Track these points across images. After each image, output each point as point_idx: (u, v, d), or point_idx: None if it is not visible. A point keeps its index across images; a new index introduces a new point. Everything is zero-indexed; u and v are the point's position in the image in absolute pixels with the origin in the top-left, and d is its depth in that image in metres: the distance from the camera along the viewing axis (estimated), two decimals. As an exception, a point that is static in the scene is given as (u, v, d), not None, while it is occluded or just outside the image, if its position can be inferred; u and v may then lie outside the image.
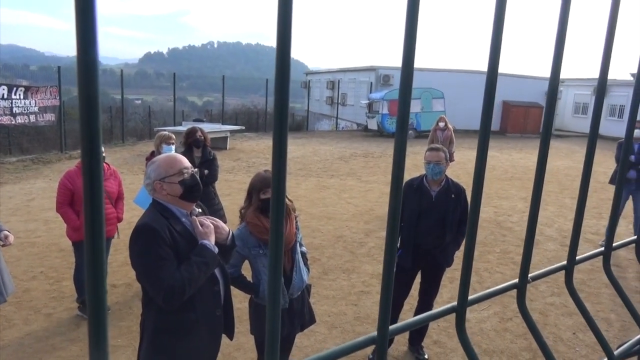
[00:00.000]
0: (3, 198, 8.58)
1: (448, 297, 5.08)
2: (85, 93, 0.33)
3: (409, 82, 0.49)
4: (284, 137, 0.42)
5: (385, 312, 0.56)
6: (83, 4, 0.32)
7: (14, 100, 12.32)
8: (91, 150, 0.34)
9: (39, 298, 4.82)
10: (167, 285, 2.09)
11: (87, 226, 0.35)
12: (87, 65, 0.33)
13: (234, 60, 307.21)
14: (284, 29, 0.40)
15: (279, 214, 0.44)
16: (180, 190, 2.26)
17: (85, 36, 0.32)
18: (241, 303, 4.40)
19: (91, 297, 0.36)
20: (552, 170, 13.50)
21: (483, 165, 0.63)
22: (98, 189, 0.34)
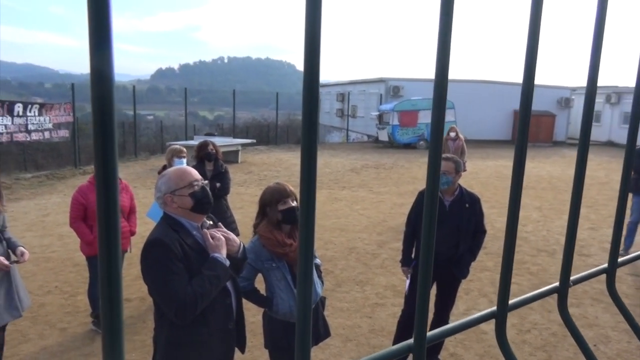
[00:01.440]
0: (19, 214, 8.68)
1: (464, 308, 5.00)
2: (101, 110, 0.32)
3: (443, 93, 0.48)
4: (314, 149, 0.41)
5: (422, 319, 0.54)
6: (98, 24, 0.31)
7: (29, 118, 12.52)
8: (106, 165, 0.33)
9: (54, 313, 4.84)
10: (179, 300, 2.08)
11: (102, 240, 0.34)
12: (102, 82, 0.32)
13: (244, 75, 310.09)
14: (313, 42, 0.39)
15: (309, 224, 0.42)
16: (190, 202, 2.25)
17: (101, 54, 0.32)
18: (254, 316, 4.37)
19: (106, 313, 0.35)
20: (567, 179, 13.34)
21: (521, 175, 0.61)
22: (113, 204, 0.33)
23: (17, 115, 12.18)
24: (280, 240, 2.78)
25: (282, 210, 2.79)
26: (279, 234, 2.80)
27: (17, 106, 12.26)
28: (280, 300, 2.83)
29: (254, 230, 2.92)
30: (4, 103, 11.98)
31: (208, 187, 2.36)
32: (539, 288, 3.71)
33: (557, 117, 24.54)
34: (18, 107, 12.28)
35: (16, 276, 3.44)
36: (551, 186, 12.31)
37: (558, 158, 18.46)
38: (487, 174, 13.92)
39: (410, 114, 20.56)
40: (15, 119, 12.14)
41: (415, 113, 20.56)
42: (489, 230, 4.88)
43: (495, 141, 23.86)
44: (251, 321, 4.28)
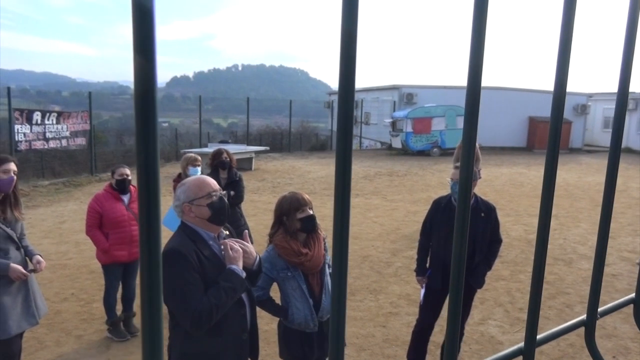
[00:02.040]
0: (36, 221, 8.80)
1: (479, 318, 4.94)
2: (144, 119, 0.33)
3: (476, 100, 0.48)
4: (349, 154, 0.41)
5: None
6: (143, 33, 0.32)
7: (47, 125, 12.73)
8: (148, 171, 0.33)
9: (70, 320, 4.88)
10: (195, 311, 2.09)
11: (143, 245, 0.35)
12: (145, 90, 0.33)
13: (257, 82, 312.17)
14: (349, 50, 0.39)
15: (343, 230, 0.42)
16: (208, 213, 2.26)
17: (145, 63, 0.32)
18: (268, 325, 4.37)
19: (146, 319, 0.36)
20: (584, 186, 13.16)
21: (552, 185, 0.60)
22: (155, 206, 0.34)
23: (35, 123, 12.40)
24: (296, 249, 2.78)
25: (301, 218, 2.79)
26: (295, 243, 2.80)
27: (35, 114, 12.48)
28: (295, 310, 2.82)
29: (270, 240, 2.92)
30: (23, 112, 12.20)
31: (226, 197, 2.37)
32: (556, 298, 3.68)
33: (573, 124, 24.25)
34: (36, 115, 12.50)
35: (33, 284, 3.48)
36: (567, 193, 12.15)
37: (574, 165, 18.22)
38: (502, 182, 13.79)
39: (423, 121, 20.49)
40: (33, 127, 12.35)
41: (428, 120, 20.49)
42: (505, 239, 4.82)
43: (510, 148, 23.65)
44: (265, 329, 4.27)
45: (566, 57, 0.55)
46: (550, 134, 0.58)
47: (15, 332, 3.31)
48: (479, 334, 4.63)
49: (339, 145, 0.41)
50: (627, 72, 0.62)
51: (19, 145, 11.98)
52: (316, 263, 2.83)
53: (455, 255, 0.50)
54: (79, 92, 40.91)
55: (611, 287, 5.82)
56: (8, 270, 3.20)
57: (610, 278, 6.09)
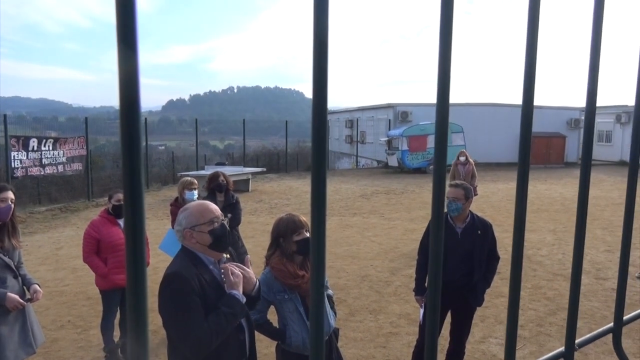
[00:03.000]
0: (33, 247, 8.75)
1: (480, 336, 4.91)
2: (128, 143, 0.34)
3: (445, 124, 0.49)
4: (323, 178, 0.42)
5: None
6: (126, 57, 0.33)
7: (44, 152, 12.75)
8: (132, 195, 0.34)
9: (66, 348, 4.82)
10: (194, 336, 2.08)
11: (130, 264, 0.35)
12: (130, 116, 0.34)
13: (253, 104, 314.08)
14: (320, 75, 0.41)
15: (320, 252, 0.43)
16: (209, 240, 2.26)
17: (128, 88, 0.34)
18: (267, 348, 4.33)
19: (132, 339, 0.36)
20: (580, 200, 13.19)
21: (524, 198, 0.62)
22: (140, 235, 0.35)
23: (32, 150, 12.42)
24: (293, 271, 2.77)
25: (297, 241, 2.79)
26: (291, 265, 2.80)
27: (32, 141, 12.50)
28: (293, 333, 2.80)
29: (266, 262, 2.92)
30: (19, 138, 12.23)
31: (227, 223, 2.38)
32: (556, 314, 3.67)
33: (567, 138, 24.45)
34: (33, 142, 12.52)
35: (31, 313, 3.45)
36: (564, 208, 12.18)
37: (570, 179, 18.30)
38: (498, 197, 13.83)
39: (419, 139, 20.62)
40: (30, 154, 12.37)
41: (424, 137, 20.62)
42: (503, 255, 4.82)
43: (506, 163, 23.76)
44: (264, 353, 4.23)
45: (532, 72, 0.57)
46: (520, 149, 0.61)
47: (12, 362, 3.27)
48: (480, 353, 4.59)
49: (314, 165, 0.42)
50: (594, 85, 0.64)
51: (15, 172, 11.97)
52: None
53: (431, 273, 0.52)
54: (76, 117, 41.05)
55: (612, 301, 5.79)
56: (5, 299, 3.18)
57: (610, 292, 6.07)
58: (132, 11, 0.33)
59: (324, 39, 0.41)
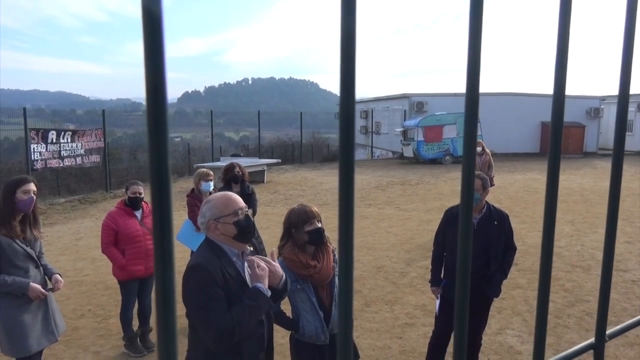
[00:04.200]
0: (53, 238, 8.92)
1: (497, 327, 4.88)
2: (155, 135, 0.34)
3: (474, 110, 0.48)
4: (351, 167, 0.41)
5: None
6: (152, 50, 0.33)
7: (62, 144, 12.94)
8: (160, 186, 0.35)
9: (87, 336, 4.92)
10: (217, 328, 2.09)
11: (157, 257, 0.36)
12: (157, 107, 0.34)
13: (268, 95, 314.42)
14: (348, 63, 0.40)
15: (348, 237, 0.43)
16: (234, 231, 2.26)
17: (155, 80, 0.33)
18: (283, 338, 4.36)
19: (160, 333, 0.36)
20: (600, 191, 13.00)
21: (555, 189, 0.59)
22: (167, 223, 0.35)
23: (51, 142, 12.61)
24: (305, 262, 2.78)
25: (309, 231, 2.80)
26: (304, 255, 2.81)
27: (50, 133, 12.69)
28: (306, 323, 2.82)
29: (279, 252, 2.93)
30: (39, 131, 12.42)
31: (252, 215, 2.39)
32: (574, 306, 3.64)
33: (586, 128, 24.02)
34: (52, 134, 12.72)
35: (52, 302, 3.53)
36: (583, 199, 12.00)
37: (589, 169, 18.01)
38: (515, 188, 13.67)
39: (434, 129, 20.45)
40: (49, 146, 12.57)
41: (439, 128, 20.44)
42: (520, 246, 4.77)
43: (523, 154, 23.46)
44: (280, 343, 4.26)
45: (564, 61, 0.56)
46: (552, 139, 0.58)
47: (36, 350, 3.35)
48: (497, 344, 4.57)
49: (342, 158, 0.42)
50: (627, 75, 0.62)
51: (35, 164, 12.18)
52: (325, 275, 2.83)
53: (460, 264, 0.50)
54: (93, 110, 41.61)
55: (632, 293, 5.72)
56: (28, 289, 3.25)
57: (630, 284, 5.99)
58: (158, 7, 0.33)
59: (351, 32, 0.40)
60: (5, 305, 3.25)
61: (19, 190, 3.19)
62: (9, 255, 3.20)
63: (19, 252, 3.25)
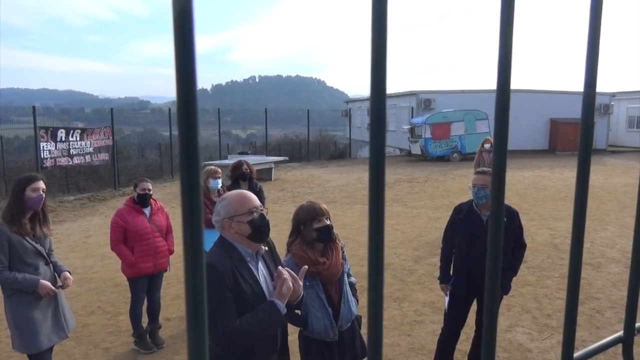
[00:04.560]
0: (63, 235, 8.98)
1: (506, 325, 4.86)
2: (186, 132, 0.34)
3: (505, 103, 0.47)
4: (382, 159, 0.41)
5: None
6: (183, 49, 0.33)
7: (71, 142, 13.03)
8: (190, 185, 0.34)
9: (97, 333, 4.96)
10: (222, 331, 2.06)
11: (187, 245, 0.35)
12: (187, 105, 0.34)
13: (275, 93, 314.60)
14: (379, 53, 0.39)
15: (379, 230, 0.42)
16: (248, 230, 2.23)
17: (185, 78, 0.33)
18: (291, 335, 4.36)
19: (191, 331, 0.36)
20: (610, 188, 12.88)
21: (585, 191, 0.58)
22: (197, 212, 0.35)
23: (60, 140, 12.70)
24: (314, 258, 2.78)
25: (317, 228, 2.79)
26: (312, 252, 2.80)
27: (60, 132, 12.79)
28: (314, 319, 2.82)
29: (287, 249, 2.93)
30: (48, 129, 12.51)
31: (267, 214, 2.35)
32: (584, 303, 3.60)
33: (596, 124, 23.81)
34: (61, 132, 12.81)
35: (62, 298, 3.55)
36: (593, 196, 11.90)
37: (599, 166, 17.86)
38: (524, 185, 13.59)
39: (442, 127, 20.36)
40: (58, 144, 12.66)
41: (447, 125, 20.35)
42: (530, 244, 4.73)
43: (532, 151, 23.31)
44: (289, 340, 4.27)
45: (595, 57, 0.54)
46: (582, 136, 0.57)
47: (46, 346, 3.38)
48: (506, 342, 4.54)
49: (372, 149, 0.41)
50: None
51: (44, 162, 12.28)
52: (334, 272, 2.83)
53: (490, 266, 0.49)
54: (101, 108, 41.88)
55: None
56: (38, 286, 3.27)
57: (641, 281, 5.93)
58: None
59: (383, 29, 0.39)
60: (16, 302, 3.28)
61: (28, 188, 3.21)
62: (19, 253, 3.23)
63: (29, 249, 3.28)
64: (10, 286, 3.24)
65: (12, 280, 3.20)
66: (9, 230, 3.20)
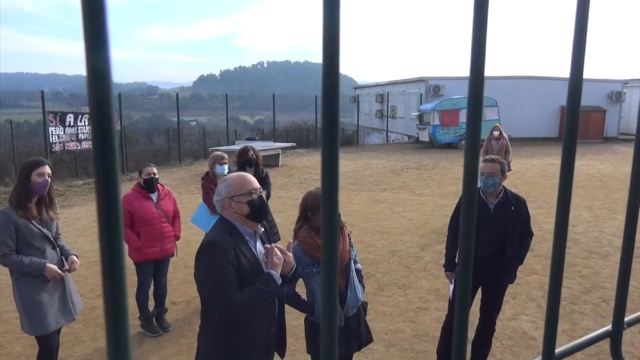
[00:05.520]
0: (71, 220, 9.07)
1: (511, 313, 4.85)
2: (97, 102, 0.31)
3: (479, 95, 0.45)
4: (335, 149, 0.39)
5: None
6: (93, 24, 0.30)
7: (80, 127, 13.09)
8: (106, 174, 0.32)
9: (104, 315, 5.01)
10: (226, 305, 2.17)
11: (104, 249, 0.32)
12: (97, 71, 0.31)
13: (283, 79, 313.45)
14: (331, 40, 0.38)
15: (331, 229, 0.41)
16: (247, 210, 2.34)
17: (98, 55, 0.31)
18: (297, 320, 4.39)
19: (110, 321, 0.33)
20: (620, 176, 12.75)
21: (570, 173, 0.56)
22: (115, 210, 0.32)
23: (68, 125, 12.76)
24: (320, 245, 2.78)
25: None
26: (320, 239, 2.80)
27: (68, 117, 12.84)
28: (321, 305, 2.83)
29: (295, 235, 2.93)
30: (57, 114, 12.56)
31: (266, 198, 2.45)
32: (591, 292, 3.58)
33: (607, 112, 23.50)
34: (69, 117, 12.86)
35: (69, 281, 3.59)
36: (602, 184, 11.79)
37: (609, 155, 17.67)
38: (533, 173, 13.49)
39: (451, 113, 20.20)
40: (67, 129, 12.72)
41: (456, 112, 20.18)
42: (537, 232, 4.71)
43: (542, 139, 23.09)
44: (294, 325, 4.29)
45: (582, 43, 0.52)
46: (568, 123, 0.55)
47: (54, 328, 3.42)
48: (511, 330, 4.54)
49: (325, 141, 0.39)
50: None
51: (53, 147, 12.35)
52: (341, 259, 2.83)
53: (462, 251, 0.48)
54: (110, 93, 42.02)
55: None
56: (44, 269, 3.30)
57: (649, 271, 5.88)
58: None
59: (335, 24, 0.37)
60: (24, 285, 3.32)
61: (34, 172, 3.23)
62: (25, 236, 3.26)
63: (36, 233, 3.30)
64: (17, 269, 3.28)
65: (19, 263, 3.23)
66: (16, 214, 3.23)
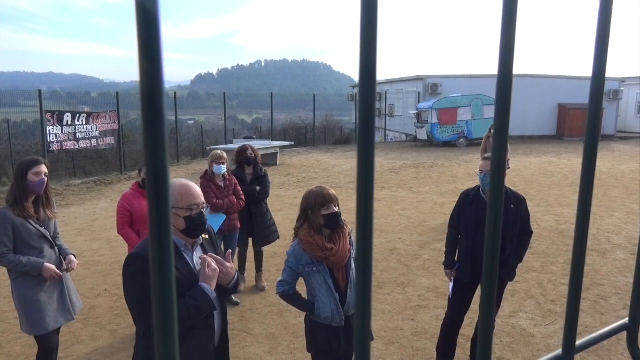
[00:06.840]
0: (69, 219, 9.05)
1: (510, 310, 4.86)
2: (151, 118, 0.32)
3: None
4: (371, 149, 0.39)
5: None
6: (147, 35, 0.31)
7: (77, 126, 13.06)
8: (156, 166, 0.33)
9: (103, 315, 5.01)
10: (149, 320, 2.02)
11: (154, 243, 0.34)
12: (152, 89, 0.32)
13: (281, 77, 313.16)
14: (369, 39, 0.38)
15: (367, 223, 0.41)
16: (183, 225, 2.18)
17: (151, 63, 0.32)
18: (296, 319, 4.40)
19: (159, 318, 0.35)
20: (617, 174, 12.78)
21: (591, 176, 0.57)
22: (165, 207, 0.33)
23: (66, 124, 12.73)
24: (321, 244, 2.78)
25: (325, 215, 2.79)
26: (320, 238, 2.80)
27: (66, 116, 12.81)
28: (321, 305, 2.83)
29: (295, 234, 2.93)
30: (54, 113, 12.54)
31: (208, 212, 2.29)
32: (589, 289, 3.59)
33: (605, 110, 23.54)
34: (67, 116, 12.83)
35: (68, 281, 3.58)
36: (600, 182, 11.82)
37: (607, 153, 17.71)
38: (531, 171, 13.51)
39: (449, 112, 20.21)
40: (64, 128, 12.69)
41: (454, 110, 20.19)
42: (535, 230, 4.71)
43: (539, 137, 23.13)
44: (293, 323, 4.30)
45: (605, 42, 0.52)
46: (589, 122, 0.55)
47: (53, 328, 3.42)
48: (510, 327, 4.55)
49: (361, 141, 0.40)
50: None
51: (51, 146, 12.33)
52: (341, 258, 2.83)
53: (488, 250, 0.48)
54: (107, 92, 41.85)
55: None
56: (42, 269, 3.30)
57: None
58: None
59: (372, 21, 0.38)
60: (22, 285, 3.31)
61: (30, 172, 3.22)
62: (23, 236, 3.25)
63: (33, 232, 3.30)
64: (15, 269, 3.27)
65: (16, 263, 3.22)
66: (13, 213, 3.22)
